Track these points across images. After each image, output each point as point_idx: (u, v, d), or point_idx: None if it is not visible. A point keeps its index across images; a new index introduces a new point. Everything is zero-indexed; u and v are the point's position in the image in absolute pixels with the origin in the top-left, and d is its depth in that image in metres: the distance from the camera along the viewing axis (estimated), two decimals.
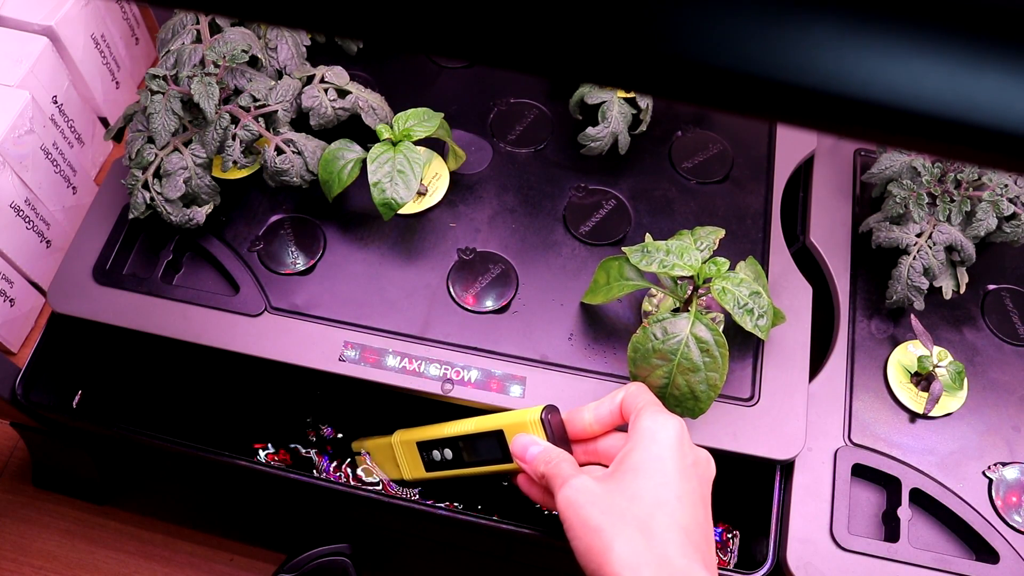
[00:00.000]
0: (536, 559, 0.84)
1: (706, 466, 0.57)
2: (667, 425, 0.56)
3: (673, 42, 0.21)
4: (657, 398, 0.60)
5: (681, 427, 0.57)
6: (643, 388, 0.61)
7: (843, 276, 0.81)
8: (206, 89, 0.74)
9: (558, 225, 0.82)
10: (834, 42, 0.20)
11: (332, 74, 0.82)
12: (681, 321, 0.66)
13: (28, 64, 0.84)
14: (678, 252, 0.68)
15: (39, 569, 0.83)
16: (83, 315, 0.76)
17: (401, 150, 0.77)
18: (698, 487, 0.55)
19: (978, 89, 0.20)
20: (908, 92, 0.21)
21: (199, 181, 0.77)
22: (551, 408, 0.61)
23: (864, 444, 0.73)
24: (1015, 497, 0.71)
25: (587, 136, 0.82)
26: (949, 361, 0.75)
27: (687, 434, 0.57)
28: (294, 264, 0.79)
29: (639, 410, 0.59)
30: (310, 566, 0.76)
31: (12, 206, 0.82)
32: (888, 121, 0.21)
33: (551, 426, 0.60)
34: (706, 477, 0.57)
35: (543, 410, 0.61)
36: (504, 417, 0.63)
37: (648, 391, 0.61)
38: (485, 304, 0.77)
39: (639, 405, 0.59)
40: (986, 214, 0.75)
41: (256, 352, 0.74)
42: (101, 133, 0.99)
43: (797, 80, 0.20)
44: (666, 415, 0.58)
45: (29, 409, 0.76)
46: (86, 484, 0.86)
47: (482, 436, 0.65)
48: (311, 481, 0.75)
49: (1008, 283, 0.82)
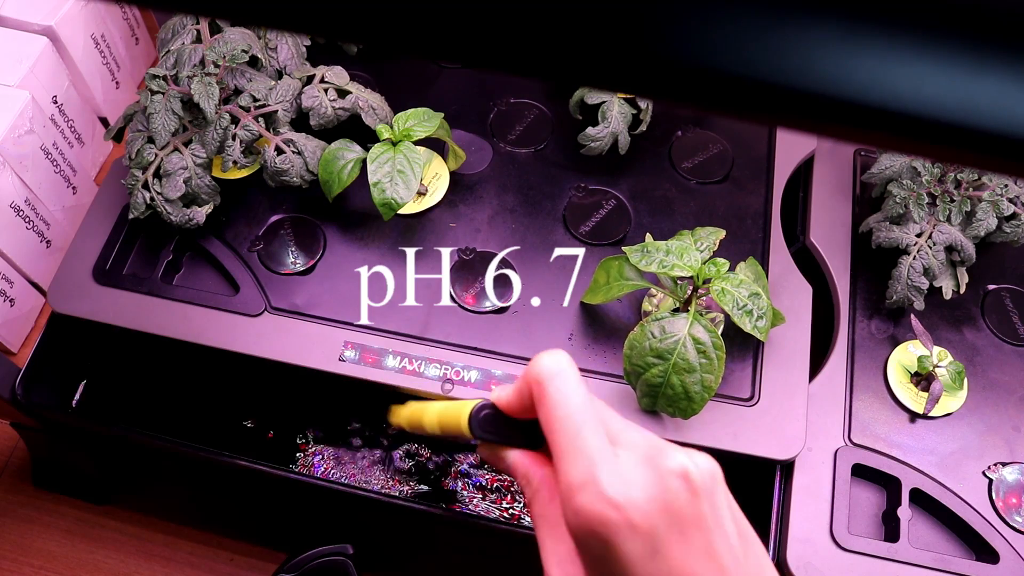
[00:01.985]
0: (536, 559, 0.84)
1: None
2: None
3: (672, 46, 0.21)
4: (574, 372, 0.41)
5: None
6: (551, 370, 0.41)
7: (843, 276, 0.81)
8: (206, 89, 0.74)
9: (558, 225, 0.82)
10: (833, 46, 0.20)
11: (332, 74, 0.82)
12: (679, 321, 0.66)
13: (28, 64, 0.84)
14: (678, 252, 0.68)
15: (39, 569, 0.83)
16: (83, 315, 0.76)
17: (401, 150, 0.76)
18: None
19: (978, 93, 0.20)
20: (908, 96, 0.21)
21: (199, 181, 0.77)
22: (479, 411, 0.47)
23: (864, 444, 0.73)
24: (1015, 497, 0.71)
25: (587, 136, 0.82)
26: (949, 361, 0.75)
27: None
28: (294, 264, 0.79)
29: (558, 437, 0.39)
30: (310, 566, 0.76)
31: (12, 206, 0.82)
32: (888, 125, 0.21)
33: (482, 429, 0.47)
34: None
35: (468, 420, 0.47)
36: (451, 422, 0.50)
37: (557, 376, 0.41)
38: (485, 304, 0.77)
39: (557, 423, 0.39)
40: (986, 214, 0.75)
41: (256, 352, 0.74)
42: (101, 133, 0.99)
43: (797, 84, 0.20)
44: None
45: (29, 409, 0.76)
46: (86, 484, 0.86)
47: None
48: (311, 481, 0.75)
49: (1008, 283, 0.82)
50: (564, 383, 0.40)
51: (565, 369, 0.41)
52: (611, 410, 0.42)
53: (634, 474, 0.37)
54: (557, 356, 0.41)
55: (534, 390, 0.41)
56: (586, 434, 0.38)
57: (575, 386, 0.40)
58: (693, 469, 0.38)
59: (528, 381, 0.42)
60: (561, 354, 0.41)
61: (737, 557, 0.38)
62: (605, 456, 0.38)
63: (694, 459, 0.38)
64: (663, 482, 0.37)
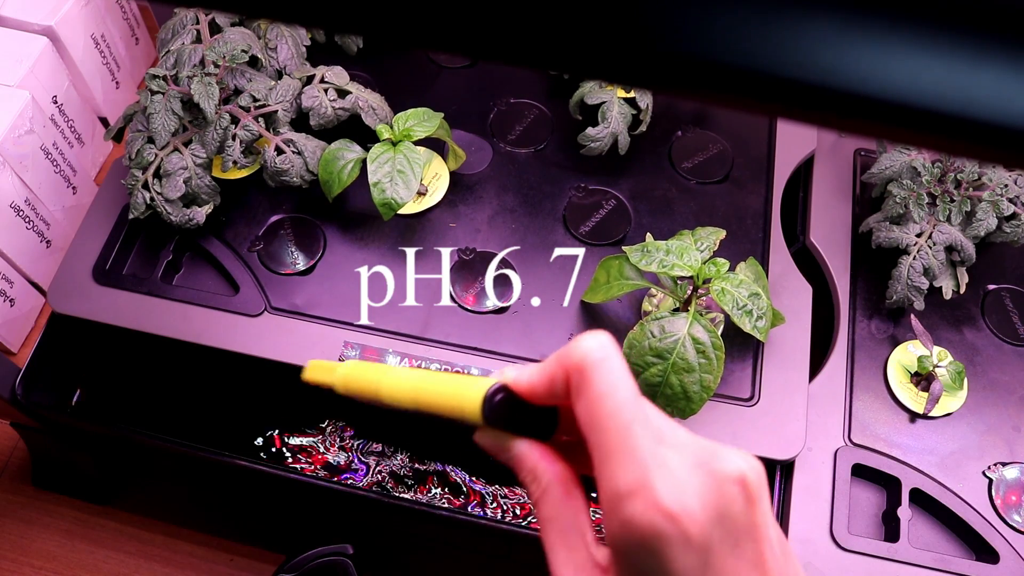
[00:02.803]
0: (536, 559, 0.83)
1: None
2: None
3: (672, 37, 0.21)
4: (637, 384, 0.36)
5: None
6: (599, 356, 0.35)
7: (843, 276, 0.81)
8: (206, 89, 0.74)
9: (558, 225, 0.82)
10: (833, 37, 0.20)
11: (332, 74, 0.82)
12: (679, 321, 0.66)
13: (28, 64, 0.84)
14: (678, 252, 0.68)
15: (39, 569, 0.83)
16: (83, 315, 0.76)
17: (401, 150, 0.77)
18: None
19: (977, 84, 0.20)
20: (907, 87, 0.21)
21: (199, 181, 0.77)
22: (495, 393, 0.39)
23: (864, 444, 0.73)
24: (1015, 497, 0.71)
25: (587, 136, 0.82)
26: (949, 361, 0.75)
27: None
28: (294, 264, 0.79)
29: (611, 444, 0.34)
30: (310, 566, 0.76)
31: (12, 206, 0.82)
32: (888, 116, 0.21)
33: (496, 415, 0.40)
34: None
35: (483, 404, 0.39)
36: (442, 401, 0.42)
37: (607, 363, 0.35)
38: (485, 304, 0.77)
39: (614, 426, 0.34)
40: (986, 214, 0.75)
41: (256, 352, 0.74)
42: (101, 133, 0.99)
43: (796, 75, 0.20)
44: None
45: (29, 409, 0.76)
46: (86, 484, 0.86)
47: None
48: (311, 481, 0.75)
49: (1008, 283, 0.82)
50: (611, 372, 0.35)
51: (612, 356, 0.35)
52: (652, 404, 0.36)
53: (688, 480, 0.33)
54: (602, 339, 0.36)
55: (573, 377, 0.36)
56: (637, 432, 0.34)
57: (624, 376, 0.35)
58: (751, 474, 0.34)
59: (565, 365, 0.36)
60: (606, 337, 0.36)
61: (781, 566, 0.35)
62: (658, 459, 0.33)
63: (749, 462, 0.34)
64: (720, 489, 0.33)
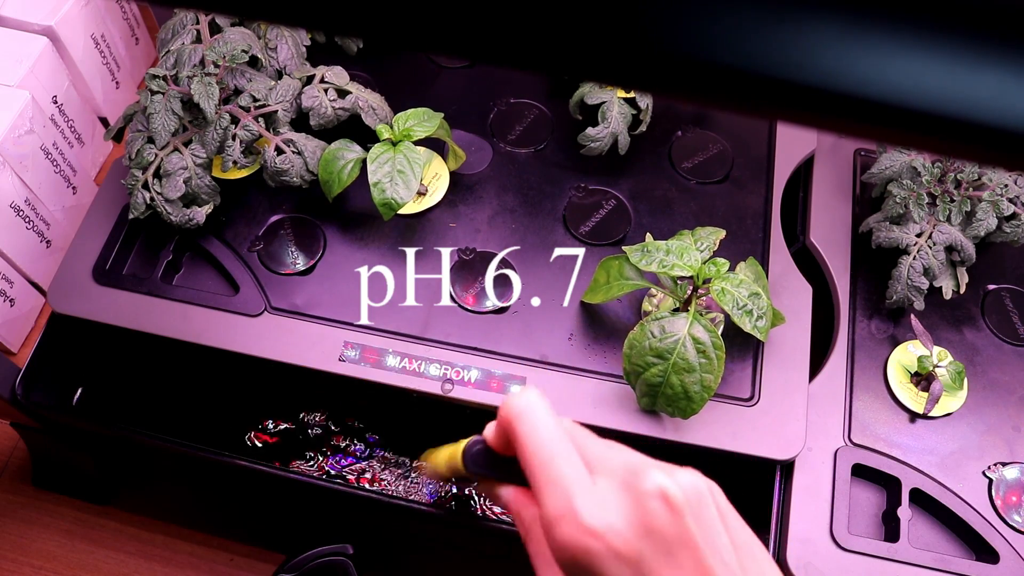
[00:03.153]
0: None
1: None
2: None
3: (673, 40, 0.21)
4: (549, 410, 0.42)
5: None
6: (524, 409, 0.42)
7: (843, 276, 0.81)
8: (206, 89, 0.74)
9: (558, 225, 0.82)
10: (834, 39, 0.20)
11: (332, 74, 0.82)
12: (679, 321, 0.66)
13: (28, 64, 0.84)
14: (678, 252, 0.68)
15: (39, 569, 0.83)
16: (83, 315, 0.76)
17: (401, 150, 0.77)
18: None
19: (978, 86, 0.20)
20: (908, 89, 0.21)
21: (199, 181, 0.77)
22: (471, 446, 0.48)
23: (864, 444, 0.73)
24: (1015, 497, 0.71)
25: (587, 136, 0.82)
26: (949, 361, 0.75)
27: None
28: (294, 264, 0.79)
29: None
30: (310, 566, 0.76)
31: (12, 206, 0.82)
32: (888, 118, 0.21)
33: (475, 464, 0.48)
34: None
35: (462, 457, 0.48)
36: (451, 464, 0.51)
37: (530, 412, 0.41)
38: (485, 304, 0.77)
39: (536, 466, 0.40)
40: (986, 214, 0.75)
41: (256, 352, 0.74)
42: (101, 133, 0.99)
43: (797, 78, 0.20)
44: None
45: (29, 409, 0.76)
46: (86, 484, 0.86)
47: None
48: (311, 481, 0.75)
49: (1008, 283, 0.82)
50: (532, 417, 0.40)
51: (533, 404, 0.41)
52: (589, 434, 0.42)
53: (612, 500, 0.37)
54: (525, 394, 0.42)
55: (507, 429, 0.42)
56: (559, 464, 0.38)
57: (544, 418, 0.40)
58: (672, 487, 0.37)
59: (501, 421, 0.43)
60: (529, 390, 0.42)
61: (733, 571, 0.37)
62: (582, 485, 0.38)
63: (675, 477, 0.38)
64: (641, 505, 0.37)
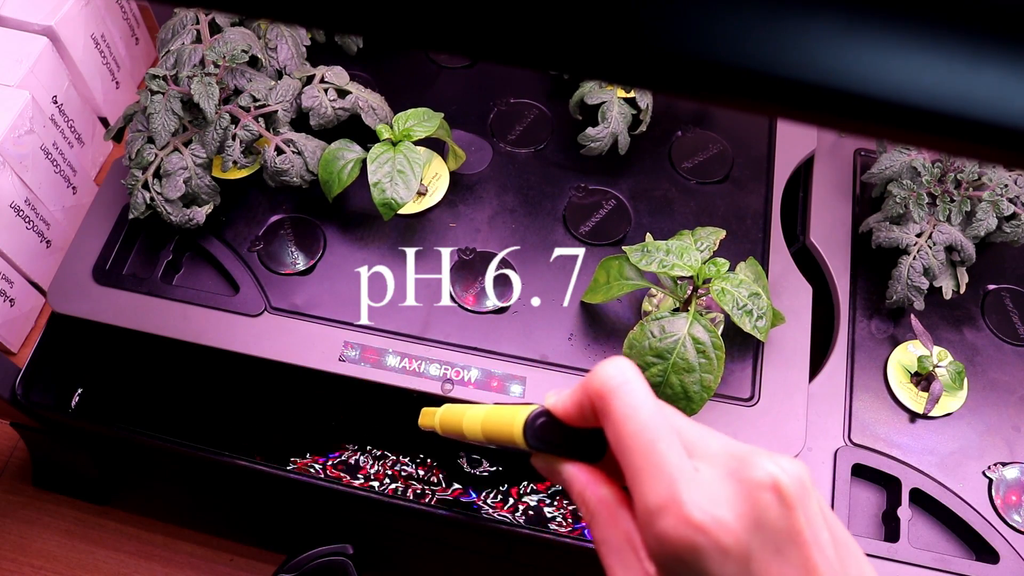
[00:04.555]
0: (536, 559, 0.84)
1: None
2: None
3: (673, 38, 0.21)
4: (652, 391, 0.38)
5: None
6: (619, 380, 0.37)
7: (843, 276, 0.81)
8: (206, 89, 0.74)
9: (558, 225, 0.82)
10: (834, 38, 0.20)
11: (332, 74, 0.82)
12: (679, 321, 0.66)
13: (28, 64, 0.84)
14: (678, 252, 0.68)
15: (39, 569, 0.83)
16: (83, 315, 0.76)
17: (401, 150, 0.77)
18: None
19: (977, 84, 0.20)
20: (908, 87, 0.21)
21: (199, 181, 0.77)
22: (535, 418, 0.43)
23: (864, 444, 0.73)
24: (1015, 497, 0.71)
25: (587, 136, 0.82)
26: (949, 361, 0.75)
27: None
28: (294, 264, 0.79)
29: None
30: (310, 566, 0.76)
31: (12, 206, 0.82)
32: (888, 116, 0.21)
33: (537, 439, 0.43)
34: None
35: (524, 428, 0.43)
36: (501, 429, 0.47)
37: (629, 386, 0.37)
38: (485, 304, 0.77)
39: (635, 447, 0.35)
40: (986, 214, 0.75)
41: (256, 352, 0.74)
42: (101, 133, 0.99)
43: (797, 76, 0.20)
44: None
45: (29, 409, 0.76)
46: (86, 484, 0.86)
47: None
48: (311, 481, 0.75)
49: (1008, 283, 0.82)
50: (631, 394, 0.36)
51: (631, 379, 0.37)
52: (683, 416, 0.38)
53: (719, 490, 0.34)
54: (620, 364, 0.37)
55: (596, 403, 0.37)
56: (662, 448, 0.34)
57: (644, 396, 0.36)
58: (784, 478, 0.34)
59: (588, 393, 0.38)
60: (624, 362, 0.37)
61: (835, 569, 0.34)
62: (685, 473, 0.34)
63: (782, 466, 0.34)
64: (752, 497, 0.33)
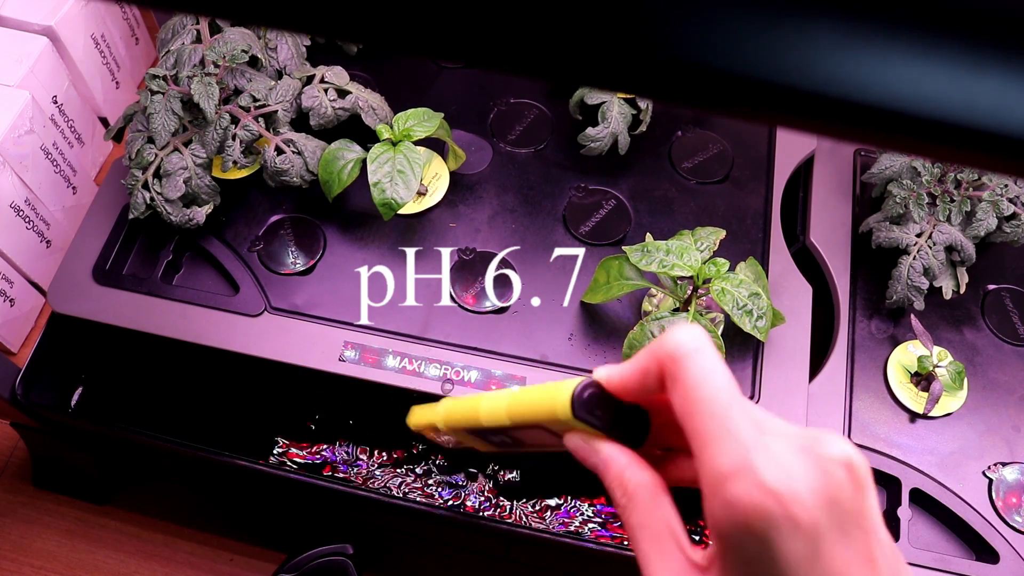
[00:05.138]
0: (536, 559, 0.84)
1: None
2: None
3: (672, 46, 0.21)
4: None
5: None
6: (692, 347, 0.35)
7: (843, 276, 0.81)
8: (206, 89, 0.74)
9: (558, 225, 0.82)
10: (832, 46, 0.20)
11: (332, 74, 0.82)
12: (679, 321, 0.66)
13: (28, 64, 0.84)
14: (678, 252, 0.68)
15: (39, 569, 0.83)
16: (83, 315, 0.76)
17: (401, 150, 0.77)
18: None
19: (978, 93, 0.20)
20: (907, 96, 0.21)
21: (199, 181, 0.77)
22: (584, 388, 0.40)
23: (864, 444, 0.73)
24: (1015, 497, 0.71)
25: (587, 136, 0.82)
26: (949, 361, 0.75)
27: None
28: (294, 264, 0.79)
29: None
30: (310, 566, 0.76)
31: (12, 206, 0.82)
32: (887, 124, 0.21)
33: (587, 410, 0.40)
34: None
35: (572, 398, 0.40)
36: (535, 406, 0.43)
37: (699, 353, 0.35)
38: (485, 304, 0.77)
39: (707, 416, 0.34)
40: (986, 214, 0.75)
41: (256, 352, 0.74)
42: (101, 133, 0.99)
43: (796, 84, 0.20)
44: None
45: (29, 409, 0.76)
46: (86, 484, 0.86)
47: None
48: (311, 481, 0.75)
49: (1008, 283, 0.82)
50: (706, 360, 0.34)
51: (705, 346, 0.35)
52: (748, 400, 0.36)
53: (793, 463, 0.32)
54: (694, 330, 0.35)
55: (667, 368, 0.35)
56: (736, 415, 0.33)
57: (719, 364, 0.35)
58: (857, 458, 0.33)
59: (658, 357, 0.36)
60: (698, 328, 0.36)
61: (892, 564, 0.33)
62: (759, 442, 0.33)
63: (855, 448, 0.33)
64: (827, 471, 0.32)
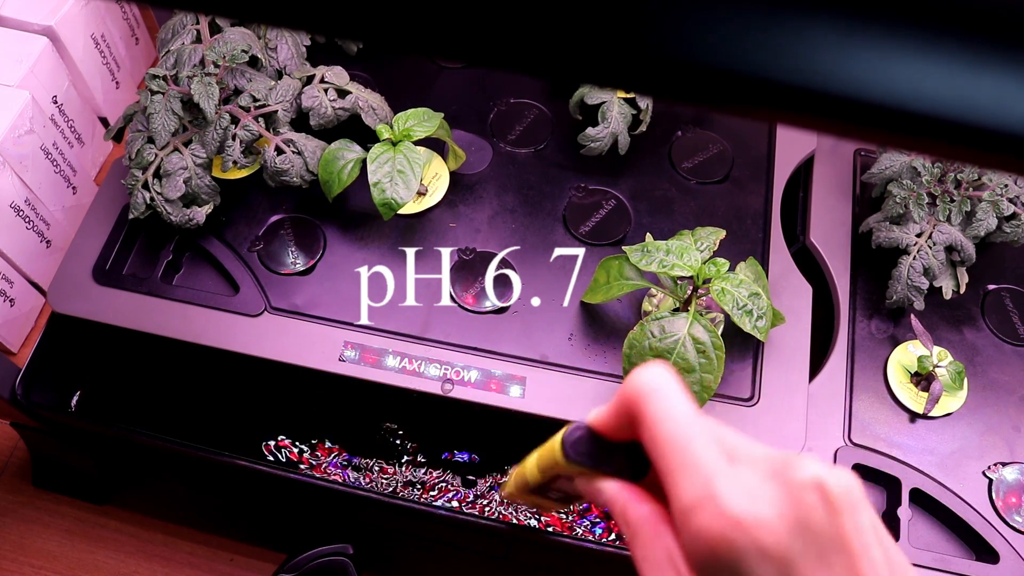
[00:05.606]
0: (536, 559, 0.84)
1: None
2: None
3: (671, 43, 0.21)
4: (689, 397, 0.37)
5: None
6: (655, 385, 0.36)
7: (843, 276, 0.81)
8: (206, 89, 0.74)
9: (558, 225, 0.82)
10: (832, 43, 0.20)
11: (332, 74, 0.82)
12: (679, 321, 0.66)
13: (28, 64, 0.84)
14: (678, 252, 0.68)
15: (39, 569, 0.83)
16: (83, 315, 0.76)
17: (401, 150, 0.77)
18: None
19: (978, 90, 0.20)
20: (908, 93, 0.21)
21: (199, 181, 0.77)
22: (572, 432, 0.42)
23: (864, 444, 0.73)
24: (1015, 497, 0.71)
25: (587, 136, 0.82)
26: (949, 361, 0.75)
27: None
28: (294, 264, 0.79)
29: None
30: (310, 566, 0.76)
31: (12, 206, 0.82)
32: (887, 121, 0.21)
33: (576, 451, 0.43)
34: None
35: (561, 442, 0.42)
36: (547, 456, 0.45)
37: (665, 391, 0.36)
38: (485, 304, 0.77)
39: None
40: (986, 214, 0.75)
41: (256, 352, 0.74)
42: (101, 133, 0.99)
43: (796, 81, 0.20)
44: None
45: (29, 409, 0.76)
46: (86, 484, 0.86)
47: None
48: (311, 481, 0.75)
49: (1008, 283, 0.82)
50: (665, 397, 0.35)
51: (666, 382, 0.36)
52: (726, 426, 0.37)
53: (760, 489, 0.32)
54: (655, 370, 0.37)
55: (632, 408, 0.36)
56: (697, 447, 0.34)
57: (679, 399, 0.36)
58: (830, 480, 0.32)
59: (625, 399, 0.37)
60: (660, 367, 0.37)
61: None
62: (722, 470, 0.33)
63: (830, 471, 0.33)
64: (795, 496, 0.32)
